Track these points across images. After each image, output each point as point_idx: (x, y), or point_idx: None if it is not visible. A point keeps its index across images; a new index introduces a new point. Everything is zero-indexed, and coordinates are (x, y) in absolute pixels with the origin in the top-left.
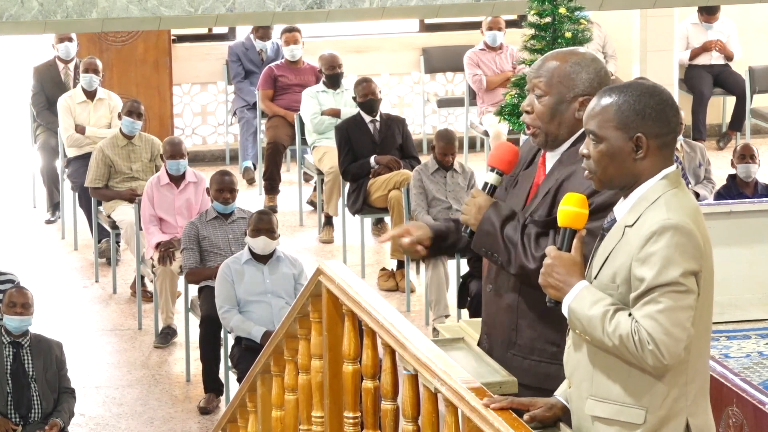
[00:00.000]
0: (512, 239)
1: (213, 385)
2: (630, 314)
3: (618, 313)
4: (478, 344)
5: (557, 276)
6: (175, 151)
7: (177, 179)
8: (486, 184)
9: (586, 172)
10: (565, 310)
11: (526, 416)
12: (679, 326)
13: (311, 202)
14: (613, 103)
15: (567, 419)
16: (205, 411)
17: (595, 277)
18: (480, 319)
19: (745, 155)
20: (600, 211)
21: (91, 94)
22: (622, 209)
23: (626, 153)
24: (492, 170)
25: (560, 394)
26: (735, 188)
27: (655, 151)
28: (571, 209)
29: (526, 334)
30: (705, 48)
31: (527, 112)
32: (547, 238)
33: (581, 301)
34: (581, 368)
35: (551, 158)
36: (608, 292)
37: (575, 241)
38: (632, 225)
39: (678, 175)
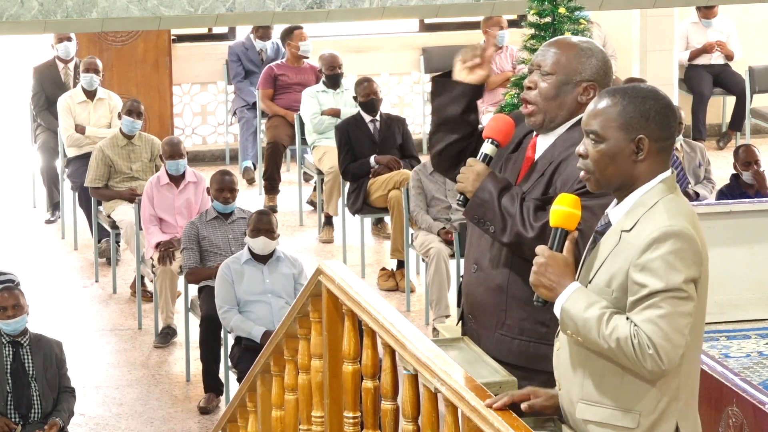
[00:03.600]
0: (509, 209)
1: (213, 385)
2: (627, 318)
3: (615, 316)
4: (462, 325)
5: (550, 276)
6: (174, 151)
7: (177, 179)
8: (483, 154)
9: (582, 172)
10: (557, 311)
11: (524, 406)
12: (679, 332)
13: (311, 202)
14: (618, 104)
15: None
16: (205, 411)
17: (590, 282)
18: None
19: (750, 162)
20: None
21: (91, 94)
22: (617, 213)
23: (626, 154)
24: (489, 141)
25: None
26: (738, 188)
27: (654, 155)
28: (564, 209)
29: (516, 314)
30: (704, 50)
31: (529, 88)
32: (545, 212)
33: (575, 302)
34: (572, 372)
35: (543, 142)
36: (602, 296)
37: (567, 242)
38: (629, 230)
39: (674, 180)
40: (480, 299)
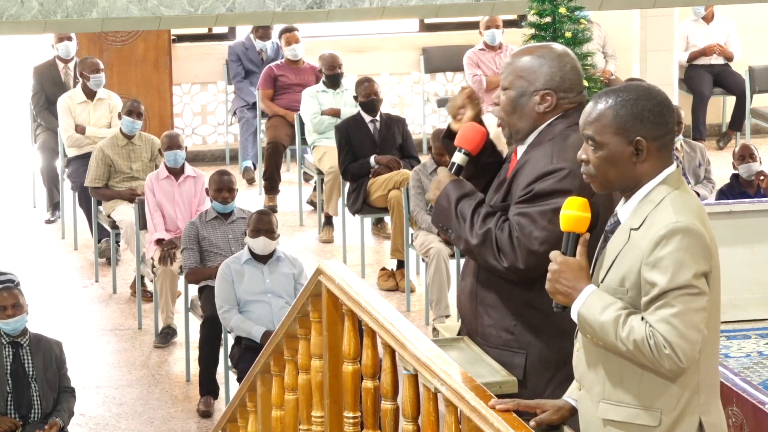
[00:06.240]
0: (464, 215)
1: (210, 388)
2: (642, 318)
3: (630, 318)
4: (460, 330)
5: (565, 282)
6: (172, 142)
7: (176, 173)
8: (452, 163)
9: (585, 176)
10: (574, 316)
11: (532, 422)
12: (694, 329)
13: (311, 202)
14: (610, 108)
15: (574, 421)
16: (207, 414)
17: (602, 281)
18: None
19: (745, 155)
20: (541, 197)
21: (91, 94)
22: (625, 211)
23: (626, 157)
24: (459, 150)
25: (569, 395)
26: (738, 187)
27: (655, 153)
28: (573, 213)
29: (484, 320)
30: (704, 53)
31: (495, 104)
32: (493, 218)
33: (591, 306)
34: (592, 372)
35: (519, 152)
36: (617, 296)
37: (579, 245)
38: (638, 228)
39: (679, 174)
40: (462, 306)
